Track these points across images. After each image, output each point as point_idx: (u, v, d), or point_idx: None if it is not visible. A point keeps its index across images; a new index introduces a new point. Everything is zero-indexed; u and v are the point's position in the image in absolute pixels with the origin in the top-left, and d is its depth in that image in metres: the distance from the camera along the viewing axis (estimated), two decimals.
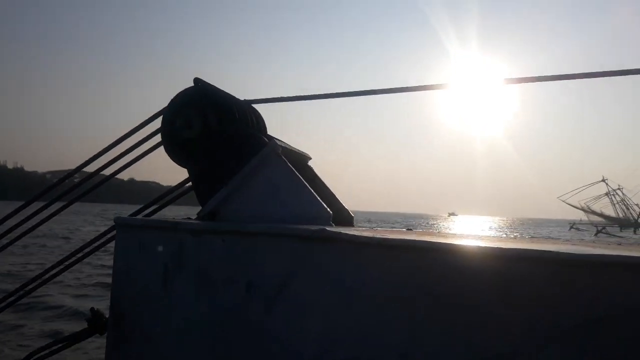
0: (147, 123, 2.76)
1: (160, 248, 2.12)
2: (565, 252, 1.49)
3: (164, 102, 2.67)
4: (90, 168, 3.02)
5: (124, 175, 3.06)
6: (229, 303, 1.96)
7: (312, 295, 1.82)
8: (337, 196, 2.77)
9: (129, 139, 2.88)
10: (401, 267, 1.68)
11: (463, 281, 1.58)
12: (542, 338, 1.48)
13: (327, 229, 1.83)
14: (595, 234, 56.55)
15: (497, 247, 1.56)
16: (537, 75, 2.55)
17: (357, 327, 1.73)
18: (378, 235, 1.77)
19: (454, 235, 2.24)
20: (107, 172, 3.10)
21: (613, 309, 1.42)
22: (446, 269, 1.61)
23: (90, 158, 2.94)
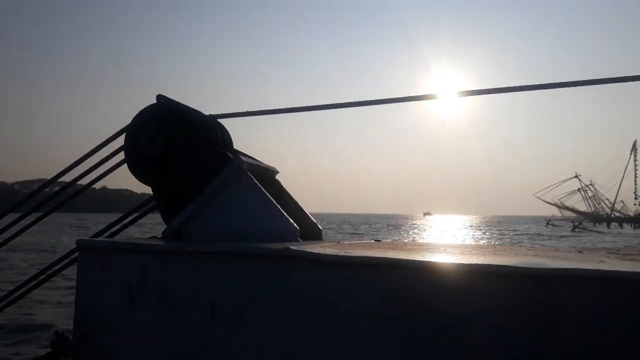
0: (111, 140, 2.72)
1: (123, 270, 2.10)
2: (525, 266, 1.51)
3: (129, 118, 2.64)
4: (65, 178, 2.99)
5: (96, 184, 3.03)
6: (194, 325, 1.94)
7: (276, 315, 1.82)
8: (304, 210, 2.77)
9: (94, 155, 2.84)
10: (365, 285, 1.69)
11: (425, 296, 1.60)
12: (502, 353, 1.50)
13: (291, 247, 1.83)
14: (572, 229, 57.41)
15: (457, 263, 1.58)
16: (509, 85, 2.59)
17: (322, 347, 1.73)
18: (341, 253, 1.77)
19: (420, 247, 2.26)
20: (73, 189, 3.07)
21: (572, 320, 1.45)
22: (408, 285, 1.62)
23: (59, 173, 2.90)
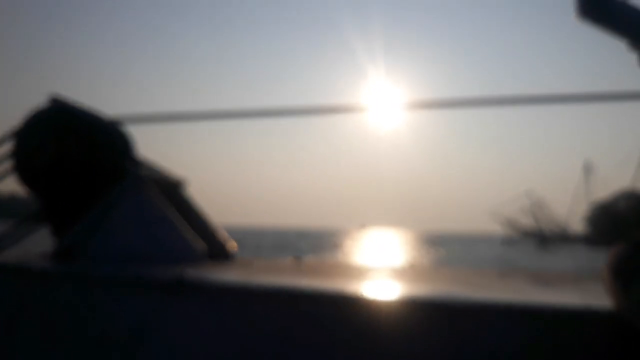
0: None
1: (0, 294, 1.85)
2: (436, 298, 1.43)
3: (18, 118, 2.36)
4: None
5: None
6: (81, 358, 1.72)
7: (171, 350, 1.64)
8: (214, 225, 2.59)
9: None
10: (267, 316, 1.55)
11: (335, 329, 1.49)
12: None
13: (186, 272, 1.66)
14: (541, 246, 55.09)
15: (367, 295, 1.48)
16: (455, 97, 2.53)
17: None
18: (243, 279, 1.62)
19: (339, 272, 2.15)
20: None
21: (483, 352, 1.38)
22: (312, 317, 1.50)
23: None
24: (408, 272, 2.21)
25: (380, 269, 2.47)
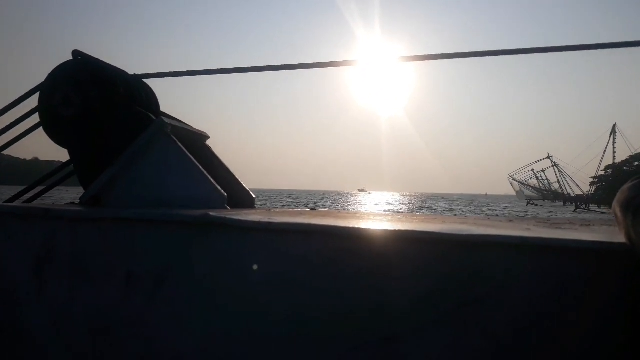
0: (23, 99, 2.49)
1: (29, 238, 1.93)
2: (446, 232, 1.46)
3: (43, 76, 2.42)
4: None
5: (26, 155, 2.71)
6: (107, 296, 1.81)
7: (195, 286, 1.71)
8: (237, 177, 2.65)
9: (4, 117, 2.59)
10: (288, 252, 1.61)
11: (349, 264, 1.53)
12: (425, 320, 1.46)
13: (211, 213, 1.71)
14: (575, 210, 54.96)
15: (381, 229, 1.52)
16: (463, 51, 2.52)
17: (241, 319, 1.64)
18: (265, 219, 1.67)
19: (352, 215, 2.20)
20: None
21: (492, 288, 1.42)
22: (334, 252, 1.55)
23: None
24: (418, 216, 2.24)
25: (392, 214, 2.51)
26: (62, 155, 2.47)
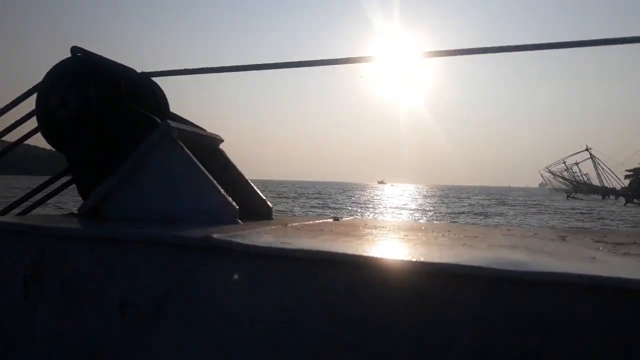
0: (20, 100, 2.29)
1: (18, 257, 1.73)
2: (496, 267, 1.19)
3: (40, 75, 2.22)
4: None
5: (44, 144, 2.52)
6: (100, 324, 1.59)
7: (196, 316, 1.48)
8: (253, 185, 2.41)
9: (4, 117, 2.41)
10: (305, 282, 1.36)
11: (376, 301, 1.28)
12: None
13: (214, 235, 1.48)
14: (626, 203, 53.53)
15: (415, 260, 1.25)
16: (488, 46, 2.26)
17: (249, 355, 1.41)
18: (278, 243, 1.43)
19: (381, 229, 1.94)
20: None
21: (556, 335, 1.15)
22: (357, 285, 1.30)
23: None
24: (457, 230, 1.97)
25: (418, 226, 2.24)
26: None
